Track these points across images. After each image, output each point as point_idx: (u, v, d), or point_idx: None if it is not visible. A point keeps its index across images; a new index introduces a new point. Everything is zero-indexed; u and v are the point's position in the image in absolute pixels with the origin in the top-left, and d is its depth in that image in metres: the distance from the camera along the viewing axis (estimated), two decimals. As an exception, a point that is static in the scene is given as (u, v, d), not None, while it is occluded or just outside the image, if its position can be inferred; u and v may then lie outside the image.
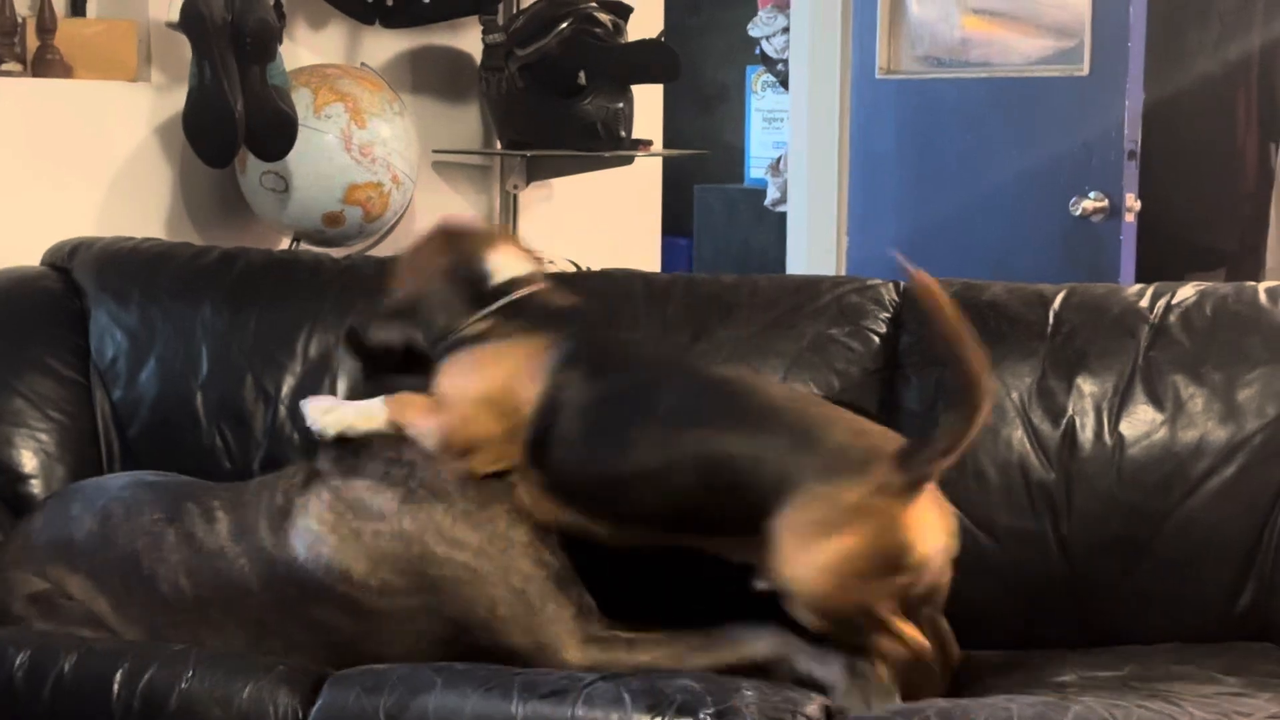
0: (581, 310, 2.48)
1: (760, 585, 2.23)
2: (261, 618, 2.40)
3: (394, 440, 2.39)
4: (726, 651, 2.29)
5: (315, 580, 2.36)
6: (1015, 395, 2.58)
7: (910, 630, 2.18)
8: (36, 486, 2.82)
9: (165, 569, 2.45)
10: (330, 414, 2.42)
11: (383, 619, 2.34)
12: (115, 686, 2.19)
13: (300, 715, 2.15)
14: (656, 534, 2.33)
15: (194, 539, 2.46)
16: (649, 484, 2.27)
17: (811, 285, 2.80)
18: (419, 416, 2.36)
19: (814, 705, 2.01)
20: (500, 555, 2.33)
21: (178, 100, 3.53)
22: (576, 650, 2.31)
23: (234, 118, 3.38)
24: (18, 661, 2.23)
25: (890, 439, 2.25)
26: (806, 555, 2.15)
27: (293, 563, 2.38)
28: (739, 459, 2.23)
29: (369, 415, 2.39)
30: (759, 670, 2.24)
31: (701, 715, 1.99)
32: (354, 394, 2.56)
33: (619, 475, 2.29)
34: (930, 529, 2.20)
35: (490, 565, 2.32)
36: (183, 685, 2.19)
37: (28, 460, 2.84)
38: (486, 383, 2.36)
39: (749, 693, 2.02)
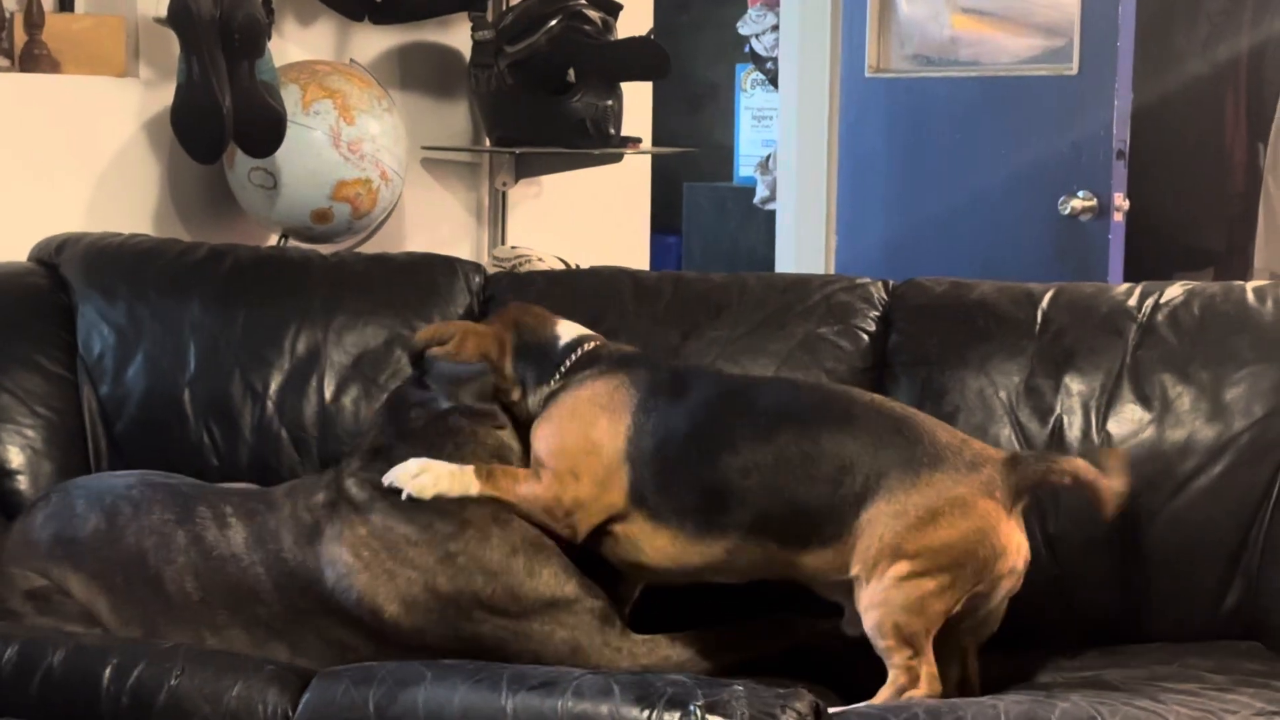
0: (644, 354, 2.54)
1: (848, 630, 2.27)
2: (271, 623, 2.41)
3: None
4: (756, 645, 2.37)
5: (342, 606, 2.38)
6: (1003, 394, 2.58)
7: (930, 669, 2.18)
8: (23, 483, 2.81)
9: (172, 570, 2.45)
10: (421, 476, 2.38)
11: (408, 650, 2.35)
12: (104, 682, 2.18)
13: (289, 714, 2.14)
14: (756, 545, 2.30)
15: (204, 542, 2.45)
16: (754, 481, 2.27)
17: (801, 284, 2.80)
18: (519, 487, 2.38)
19: (804, 701, 2.01)
20: (546, 621, 2.35)
21: (166, 96, 3.52)
22: (614, 655, 2.35)
23: (222, 114, 3.38)
24: (5, 655, 2.22)
25: (995, 450, 2.28)
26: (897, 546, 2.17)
27: (319, 582, 2.39)
28: (845, 445, 2.25)
29: (464, 484, 2.37)
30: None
31: (691, 708, 1.99)
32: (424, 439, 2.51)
33: (725, 475, 2.29)
34: (1018, 547, 2.23)
35: (533, 627, 2.35)
36: (171, 682, 2.17)
37: (14, 456, 2.83)
38: (572, 438, 2.39)
39: (739, 687, 2.02)
